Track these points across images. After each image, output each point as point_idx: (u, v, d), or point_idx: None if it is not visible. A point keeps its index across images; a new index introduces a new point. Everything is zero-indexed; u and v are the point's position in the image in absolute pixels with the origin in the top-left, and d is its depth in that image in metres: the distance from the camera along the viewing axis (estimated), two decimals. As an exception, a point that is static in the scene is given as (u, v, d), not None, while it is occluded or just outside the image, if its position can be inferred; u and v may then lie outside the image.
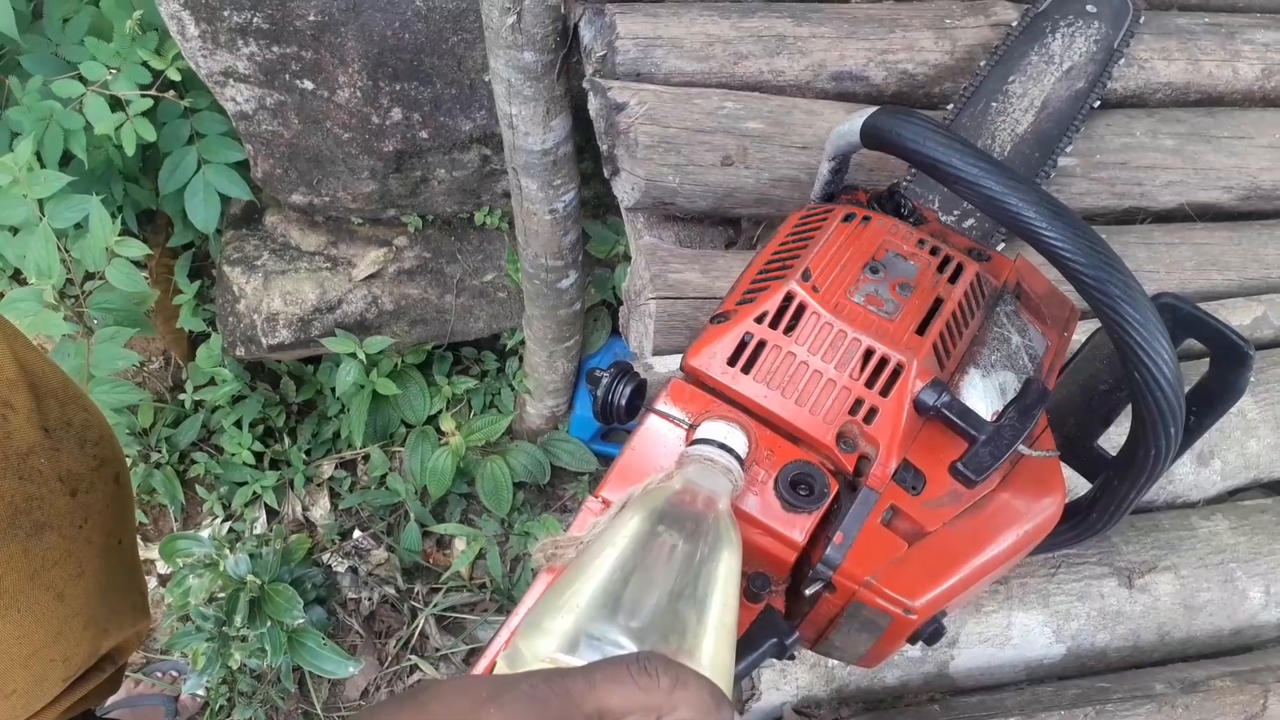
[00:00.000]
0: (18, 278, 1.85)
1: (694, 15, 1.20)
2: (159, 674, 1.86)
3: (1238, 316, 1.20)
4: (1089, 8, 1.24)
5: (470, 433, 1.93)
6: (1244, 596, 1.08)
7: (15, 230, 1.56)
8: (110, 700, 1.77)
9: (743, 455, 0.63)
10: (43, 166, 1.55)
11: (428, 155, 1.71)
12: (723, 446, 0.62)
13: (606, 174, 1.17)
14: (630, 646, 0.46)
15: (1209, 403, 0.76)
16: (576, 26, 1.24)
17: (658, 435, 0.68)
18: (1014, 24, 1.24)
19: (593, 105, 1.16)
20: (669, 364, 1.06)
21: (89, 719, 1.00)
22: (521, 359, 1.98)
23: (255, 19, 1.49)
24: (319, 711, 1.83)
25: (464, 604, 1.94)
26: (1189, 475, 1.15)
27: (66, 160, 1.64)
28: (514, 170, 1.47)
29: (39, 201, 1.51)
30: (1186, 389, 0.64)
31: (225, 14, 1.48)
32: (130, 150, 1.59)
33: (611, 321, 1.98)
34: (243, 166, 1.74)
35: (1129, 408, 0.67)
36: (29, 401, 0.80)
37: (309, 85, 1.60)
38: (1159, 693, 0.98)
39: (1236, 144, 1.30)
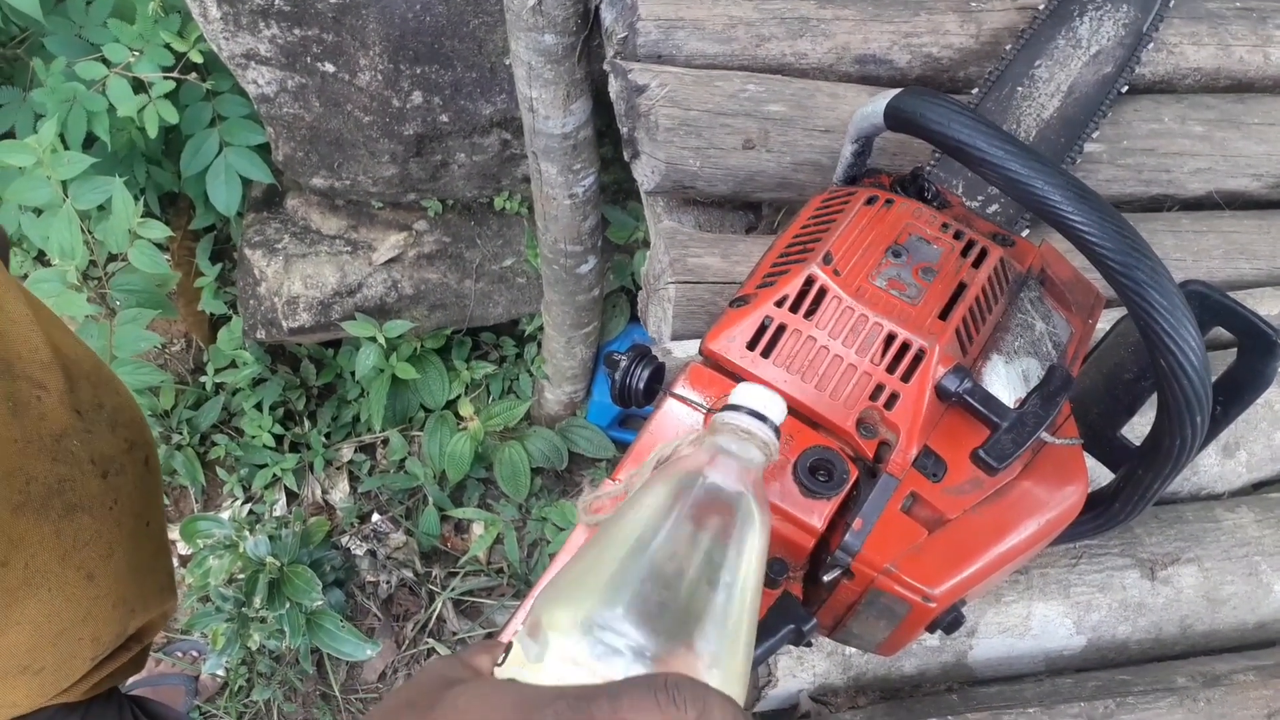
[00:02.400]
0: (41, 259, 1.86)
1: (716, -2, 1.19)
2: (179, 653, 1.88)
3: (1266, 306, 1.18)
4: (1118, -9, 1.22)
5: (488, 418, 1.94)
6: (1268, 590, 1.06)
7: (39, 211, 1.57)
8: (132, 679, 1.79)
9: (779, 425, 0.58)
10: (66, 148, 1.56)
11: (448, 139, 1.71)
12: (759, 416, 0.57)
13: (626, 157, 1.17)
14: (645, 640, 0.44)
15: (1236, 392, 0.75)
16: (598, 8, 1.23)
17: (676, 419, 0.68)
18: (1041, 7, 1.22)
19: (613, 88, 1.15)
20: (688, 349, 1.05)
21: (113, 696, 1.02)
22: (540, 344, 1.98)
23: (277, 1, 1.49)
24: (337, 693, 1.84)
25: (481, 588, 1.95)
26: (1214, 467, 1.13)
27: (90, 142, 1.65)
28: (534, 154, 1.47)
29: (62, 183, 1.52)
30: (1213, 378, 0.63)
31: (247, -4, 1.48)
32: (153, 132, 1.59)
33: (630, 307, 1.97)
34: (264, 149, 1.74)
35: (1154, 397, 0.66)
36: (62, 384, 0.80)
37: (330, 68, 1.59)
38: (1181, 686, 0.97)
39: (1267, 131, 1.28)
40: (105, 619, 0.87)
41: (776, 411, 0.57)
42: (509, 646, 0.48)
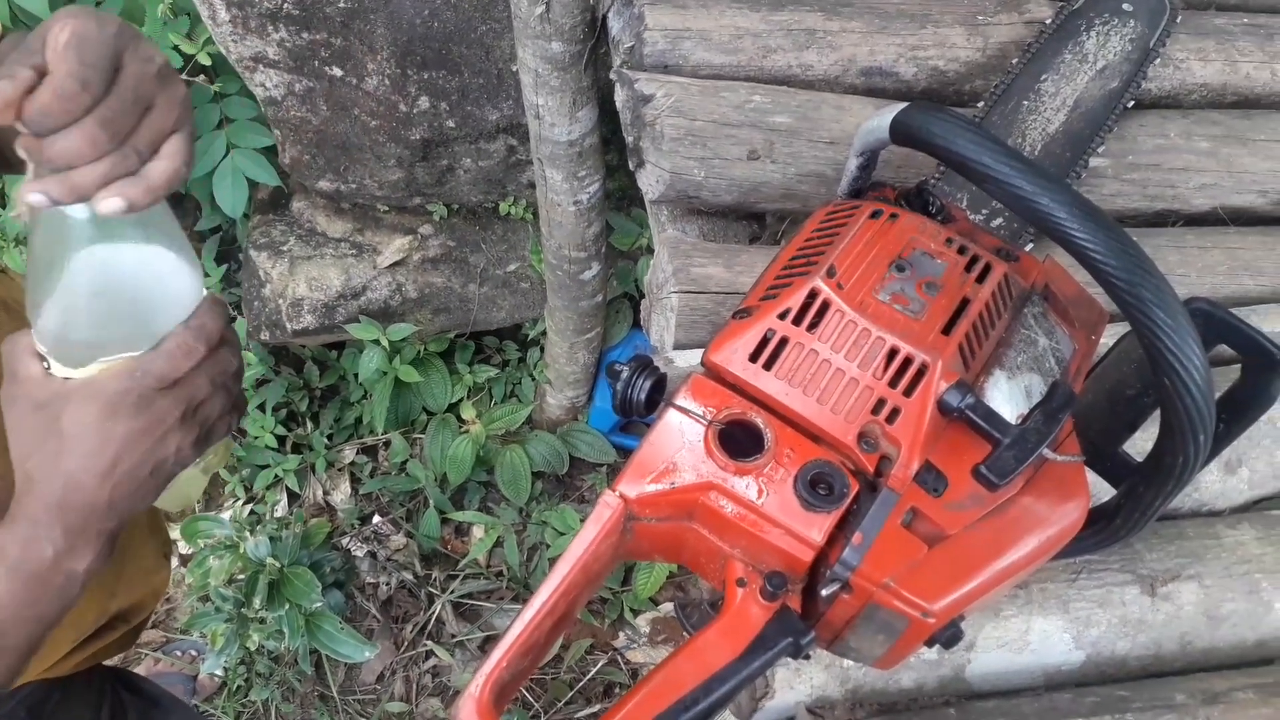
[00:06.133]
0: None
1: (723, 8, 1.19)
2: (178, 653, 1.88)
3: (1270, 323, 1.18)
4: (1125, 6, 1.22)
5: (490, 421, 1.94)
6: (1269, 608, 1.06)
7: (45, 211, 1.57)
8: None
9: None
10: (74, 148, 1.56)
11: (454, 144, 1.71)
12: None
13: (631, 166, 1.17)
14: (114, 329, 0.56)
15: (1239, 410, 0.75)
16: (605, 17, 1.23)
17: (677, 430, 0.68)
18: (1048, 22, 1.22)
19: (619, 97, 1.16)
20: (690, 358, 1.05)
21: (96, 672, 1.04)
22: (543, 349, 1.98)
23: (286, 4, 1.50)
24: (335, 694, 1.84)
25: (481, 591, 1.95)
26: (1216, 483, 1.13)
27: (97, 142, 1.65)
28: (539, 161, 1.47)
29: (69, 183, 1.52)
30: (1216, 395, 0.63)
31: (256, -1, 1.49)
32: (160, 133, 1.59)
33: (633, 314, 1.98)
34: (271, 152, 1.75)
35: (1156, 413, 0.66)
36: None
37: (338, 72, 1.60)
38: (1180, 703, 0.97)
39: (1274, 147, 1.27)
40: (83, 604, 0.88)
41: None
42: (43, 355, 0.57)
